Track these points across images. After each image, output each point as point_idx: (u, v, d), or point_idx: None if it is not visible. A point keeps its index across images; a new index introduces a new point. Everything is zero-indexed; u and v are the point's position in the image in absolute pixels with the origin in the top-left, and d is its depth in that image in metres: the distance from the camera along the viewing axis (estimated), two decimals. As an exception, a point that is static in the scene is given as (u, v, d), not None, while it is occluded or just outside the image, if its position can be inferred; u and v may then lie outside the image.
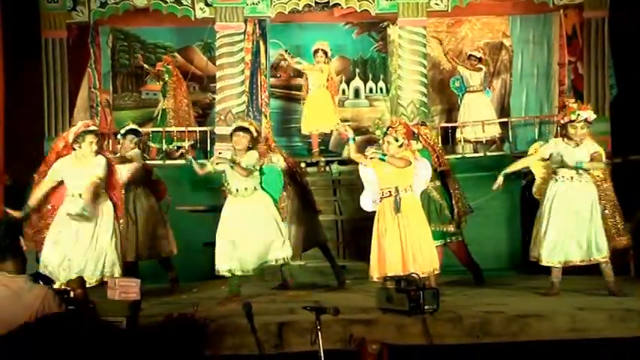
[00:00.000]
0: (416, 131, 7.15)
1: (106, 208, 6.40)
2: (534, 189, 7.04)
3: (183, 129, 10.30)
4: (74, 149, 6.31)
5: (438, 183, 7.25)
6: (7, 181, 8.36)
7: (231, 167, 6.48)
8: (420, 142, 7.14)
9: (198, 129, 10.54)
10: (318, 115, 10.10)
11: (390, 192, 6.30)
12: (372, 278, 6.36)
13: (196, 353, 5.06)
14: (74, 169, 6.28)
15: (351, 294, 7.01)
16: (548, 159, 6.70)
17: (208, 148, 9.99)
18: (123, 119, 11.13)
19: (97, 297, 5.10)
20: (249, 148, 6.61)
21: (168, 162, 9.64)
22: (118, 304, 4.96)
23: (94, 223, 6.30)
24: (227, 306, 6.07)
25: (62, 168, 6.31)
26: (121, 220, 6.62)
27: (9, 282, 3.23)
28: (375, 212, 6.44)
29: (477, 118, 10.37)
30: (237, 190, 6.60)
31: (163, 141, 10.27)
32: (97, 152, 6.37)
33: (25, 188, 6.77)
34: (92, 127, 6.41)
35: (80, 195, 6.21)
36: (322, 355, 4.24)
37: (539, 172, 6.98)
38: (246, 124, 6.76)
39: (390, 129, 6.39)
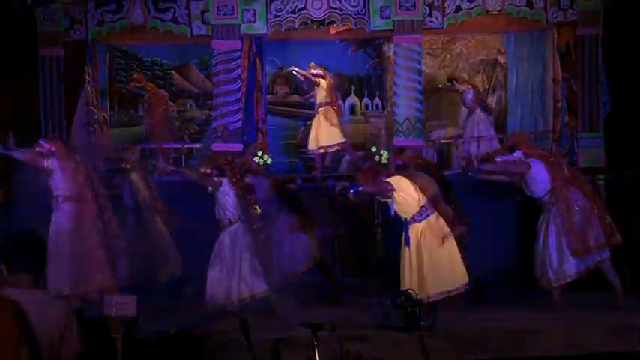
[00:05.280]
0: None
1: None
2: None
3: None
4: None
5: None
6: (2, 198, 8.33)
7: None
8: None
9: (194, 145, 10.58)
10: (321, 132, 10.18)
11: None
12: None
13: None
14: None
15: (348, 310, 7.00)
16: None
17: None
18: (120, 136, 11.16)
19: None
20: None
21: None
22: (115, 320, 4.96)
23: None
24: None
25: None
26: None
27: (30, 298, 3.12)
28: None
29: (473, 134, 10.43)
30: None
31: None
32: None
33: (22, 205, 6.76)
34: None
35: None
36: (319, 371, 4.23)
37: None
38: None
39: None
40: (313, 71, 10.35)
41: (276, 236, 7.64)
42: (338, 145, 10.24)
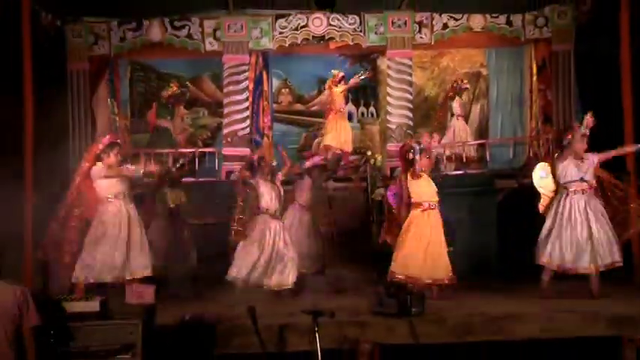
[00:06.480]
0: None
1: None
2: None
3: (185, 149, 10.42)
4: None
5: None
6: None
7: None
8: None
9: (207, 150, 10.60)
10: (344, 136, 10.19)
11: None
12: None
13: (208, 352, 5.07)
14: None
15: (345, 298, 7.01)
16: None
17: (216, 167, 10.02)
18: (139, 142, 11.20)
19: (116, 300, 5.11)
20: None
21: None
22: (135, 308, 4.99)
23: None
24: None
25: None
26: None
27: None
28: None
29: (459, 139, 10.51)
30: None
31: None
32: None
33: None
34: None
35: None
36: (319, 353, 4.25)
37: None
38: None
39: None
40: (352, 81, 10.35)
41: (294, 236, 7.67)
42: (348, 150, 10.32)
